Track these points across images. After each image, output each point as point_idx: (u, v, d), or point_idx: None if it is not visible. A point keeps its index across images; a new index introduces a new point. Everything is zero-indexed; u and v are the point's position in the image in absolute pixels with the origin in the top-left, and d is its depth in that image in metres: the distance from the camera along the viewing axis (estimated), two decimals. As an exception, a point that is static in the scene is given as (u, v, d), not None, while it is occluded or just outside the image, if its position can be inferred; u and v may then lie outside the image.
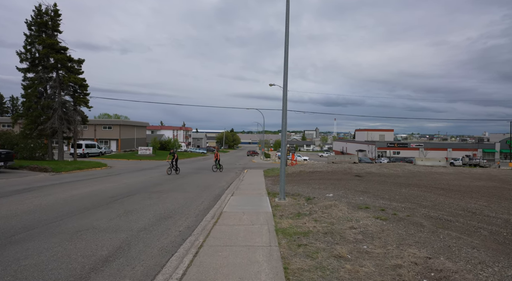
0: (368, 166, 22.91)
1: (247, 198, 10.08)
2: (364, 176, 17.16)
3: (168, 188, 12.89)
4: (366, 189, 12.06)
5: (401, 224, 6.29)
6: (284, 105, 9.68)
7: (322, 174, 18.44)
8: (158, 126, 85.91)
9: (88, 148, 40.68)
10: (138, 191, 11.64)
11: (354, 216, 7.06)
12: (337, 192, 11.30)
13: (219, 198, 10.74)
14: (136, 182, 14.88)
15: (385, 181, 14.60)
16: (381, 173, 18.67)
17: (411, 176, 17.29)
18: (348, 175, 17.77)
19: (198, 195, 11.18)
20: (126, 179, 16.00)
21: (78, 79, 25.61)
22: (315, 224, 6.35)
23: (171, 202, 9.58)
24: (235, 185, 14.11)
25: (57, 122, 24.72)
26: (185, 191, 12.06)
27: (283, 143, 9.79)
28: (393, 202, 9.20)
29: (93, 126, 50.66)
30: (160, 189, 12.34)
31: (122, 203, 9.11)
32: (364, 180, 15.29)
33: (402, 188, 12.23)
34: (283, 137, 9.70)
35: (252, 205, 8.87)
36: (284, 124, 9.68)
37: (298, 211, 7.95)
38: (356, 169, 20.37)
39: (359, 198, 9.92)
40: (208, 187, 13.55)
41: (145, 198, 10.11)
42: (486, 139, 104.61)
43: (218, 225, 6.47)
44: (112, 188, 12.43)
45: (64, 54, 25.18)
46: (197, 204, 9.53)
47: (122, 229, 6.31)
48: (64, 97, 26.53)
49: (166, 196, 10.77)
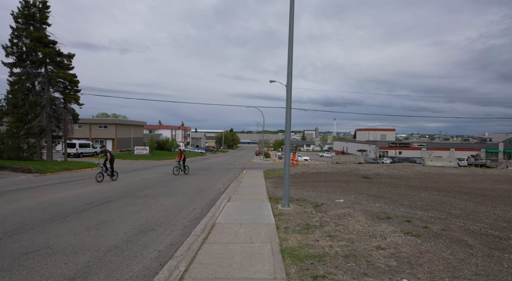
0: (375, 166, 21.61)
1: (245, 205, 8.74)
2: (373, 177, 15.83)
3: (158, 191, 11.54)
4: (379, 193, 10.72)
5: (441, 243, 4.95)
6: (289, 96, 8.35)
7: (327, 175, 17.11)
8: (156, 126, 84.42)
9: (82, 148, 39.32)
10: (122, 196, 10.29)
11: (377, 230, 5.72)
12: (347, 197, 9.96)
13: (213, 203, 9.41)
14: (124, 184, 13.53)
15: (397, 184, 13.27)
16: (391, 174, 17.35)
17: (423, 177, 15.97)
18: (355, 176, 16.43)
19: (190, 200, 9.84)
20: (115, 182, 14.65)
21: (68, 74, 24.23)
22: (331, 243, 5.00)
23: (158, 210, 8.24)
24: (233, 188, 12.77)
25: (45, 120, 23.34)
26: (176, 195, 10.72)
27: (287, 142, 8.45)
28: (417, 210, 7.86)
29: (88, 125, 49.31)
30: (148, 193, 11.00)
31: (98, 211, 7.76)
32: (374, 182, 13.96)
33: (420, 192, 10.90)
34: (287, 134, 8.36)
35: (251, 213, 7.53)
36: (289, 119, 8.34)
37: (307, 222, 6.61)
38: (363, 170, 19.05)
39: (375, 204, 8.59)
40: (203, 191, 12.21)
41: (127, 205, 8.76)
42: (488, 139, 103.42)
43: (208, 243, 5.13)
44: (95, 191, 11.08)
45: (52, 48, 23.80)
46: (188, 211, 8.18)
47: (86, 249, 4.97)
48: (54, 93, 25.16)
49: (153, 201, 9.42)
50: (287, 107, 8.34)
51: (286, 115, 8.35)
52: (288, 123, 8.35)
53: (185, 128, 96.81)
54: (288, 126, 8.35)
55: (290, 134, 8.40)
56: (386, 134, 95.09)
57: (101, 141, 50.17)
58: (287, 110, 8.32)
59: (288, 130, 8.36)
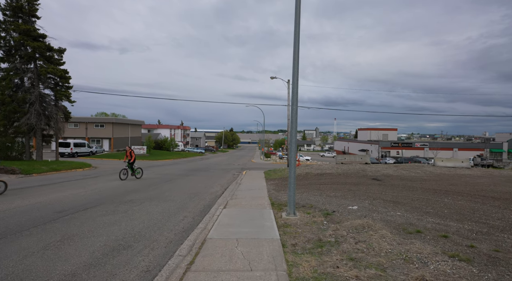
0: (382, 167, 20.38)
1: (244, 212, 7.51)
2: (383, 179, 14.59)
3: (147, 195, 10.32)
4: (396, 198, 9.48)
5: (507, 275, 3.71)
6: (295, 87, 7.11)
7: (333, 177, 15.87)
8: (155, 125, 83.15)
9: (77, 147, 38.08)
10: (104, 201, 9.06)
11: (410, 250, 4.49)
12: (360, 202, 8.73)
13: (208, 210, 8.18)
14: (111, 187, 12.31)
15: (412, 187, 12.03)
16: (401, 175, 16.11)
17: (438, 179, 14.73)
18: (363, 178, 15.20)
19: (181, 206, 8.61)
20: (102, 183, 13.43)
21: (58, 70, 22.99)
22: (357, 272, 3.76)
23: (141, 219, 7.01)
24: (231, 191, 11.55)
25: (34, 117, 22.11)
26: (166, 200, 9.49)
27: (293, 140, 7.21)
28: (448, 220, 6.63)
29: (84, 124, 48.10)
30: (135, 198, 9.77)
31: (68, 222, 6.52)
32: (386, 185, 12.72)
33: (442, 197, 9.65)
34: (293, 131, 7.12)
35: (250, 224, 6.30)
36: (295, 113, 7.10)
37: (319, 237, 5.38)
38: (371, 171, 17.81)
39: (395, 213, 7.36)
40: (197, 194, 10.98)
41: (107, 213, 7.53)
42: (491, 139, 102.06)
43: (194, 270, 3.90)
44: (74, 196, 9.85)
45: (42, 42, 22.56)
46: (176, 221, 6.96)
47: (31, 279, 3.74)
48: (44, 90, 23.94)
49: (139, 208, 8.19)
50: (293, 100, 7.11)
51: (292, 109, 7.12)
52: (294, 118, 7.12)
53: (185, 127, 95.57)
54: (294, 122, 7.12)
55: (296, 132, 7.17)
56: (388, 134, 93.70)
57: (98, 141, 48.97)
58: (293, 102, 7.09)
59: (294, 127, 7.12)
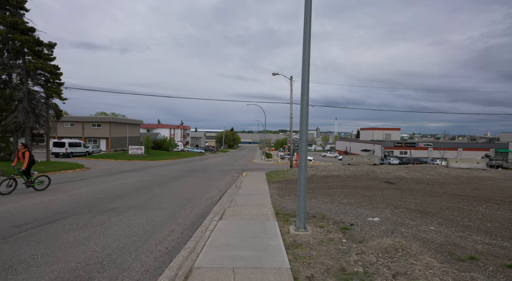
0: (392, 168, 19.04)
1: (243, 226, 6.21)
2: (397, 183, 13.27)
3: (133, 202, 9.02)
4: (421, 206, 8.16)
5: None
6: (306, 67, 5.80)
7: (341, 179, 14.55)
8: (155, 125, 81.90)
9: (72, 147, 36.83)
10: (81, 210, 7.77)
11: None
12: (381, 212, 7.42)
13: (200, 222, 6.88)
14: (96, 191, 11.02)
15: (434, 192, 10.70)
16: (416, 178, 14.77)
17: (457, 182, 13.39)
18: (375, 181, 13.87)
19: (170, 217, 7.32)
20: (86, 187, 12.13)
21: (48, 65, 21.72)
22: None
23: (117, 235, 5.72)
24: (229, 197, 10.25)
25: (22, 115, 20.87)
26: (154, 208, 8.20)
27: (303, 138, 5.89)
28: (499, 238, 5.30)
29: (81, 124, 46.90)
30: (118, 205, 8.47)
31: (22, 241, 5.23)
32: (403, 189, 11.40)
33: (475, 205, 8.32)
34: (303, 127, 5.80)
35: (251, 245, 4.99)
36: (306, 104, 5.79)
37: (341, 265, 4.08)
38: (381, 173, 16.48)
39: (427, 227, 6.04)
40: (191, 200, 9.69)
41: (78, 226, 6.23)
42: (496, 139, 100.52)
43: None
44: (46, 204, 8.55)
45: (31, 36, 21.31)
46: (160, 238, 5.66)
47: None
48: (33, 87, 22.69)
49: (119, 219, 6.90)
50: (303, 88, 5.79)
51: (302, 99, 5.80)
52: (305, 111, 5.80)
53: (185, 127, 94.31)
54: (305, 116, 5.80)
55: (307, 128, 5.86)
56: (391, 134, 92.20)
57: (95, 140, 47.75)
58: (303, 92, 5.78)
59: (304, 122, 5.80)
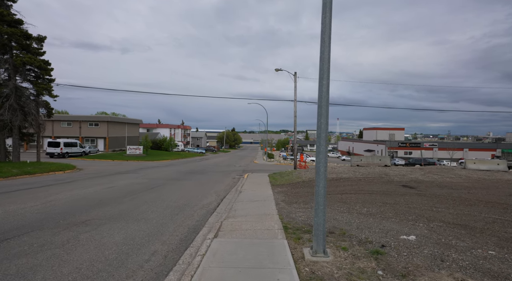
0: (406, 170, 17.62)
1: (244, 248, 4.84)
2: (416, 187, 11.86)
3: (114, 211, 7.66)
4: (459, 218, 6.76)
5: None
6: (327, 43, 4.42)
7: (353, 182, 13.15)
8: (154, 124, 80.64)
9: (67, 147, 35.60)
10: (46, 222, 6.42)
11: None
12: (413, 226, 6.03)
13: (190, 241, 5.52)
14: (75, 198, 9.67)
15: (464, 199, 9.30)
16: (436, 181, 13.34)
17: (484, 187, 11.97)
18: (390, 185, 12.47)
19: (155, 232, 5.96)
20: (68, 192, 10.80)
21: (36, 60, 20.42)
22: None
23: (78, 261, 4.36)
24: (228, 203, 8.89)
25: (9, 113, 19.58)
26: (137, 220, 6.85)
27: (322, 133, 4.51)
28: None
29: (78, 123, 45.69)
30: (94, 216, 7.12)
31: None
32: (427, 195, 9.99)
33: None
34: (323, 118, 4.42)
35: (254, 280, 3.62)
36: (326, 87, 4.41)
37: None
38: (395, 175, 15.07)
39: (485, 251, 4.65)
40: (184, 209, 8.33)
41: (31, 249, 4.87)
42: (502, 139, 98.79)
43: None
44: (9, 214, 7.20)
45: (18, 29, 20.02)
46: (133, 267, 4.29)
47: None
48: (22, 83, 21.42)
49: (89, 236, 5.54)
50: (322, 63, 4.41)
51: (321, 84, 4.43)
52: (325, 99, 4.42)
53: (185, 127, 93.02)
54: (325, 104, 4.42)
55: (327, 121, 4.48)
56: (395, 134, 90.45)
57: (92, 140, 46.50)
58: (323, 69, 4.40)
59: (324, 112, 4.43)
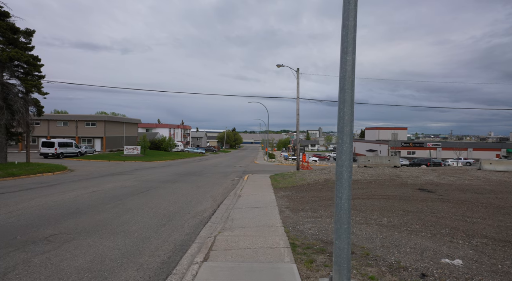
0: (417, 171, 16.43)
1: (240, 277, 3.66)
2: (435, 190, 10.67)
3: (88, 223, 6.50)
4: (503, 232, 5.57)
5: None
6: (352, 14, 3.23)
7: (363, 185, 11.97)
8: (154, 124, 79.52)
9: (62, 147, 34.47)
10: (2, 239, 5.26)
11: None
12: (449, 242, 4.85)
13: (174, 265, 4.36)
14: (49, 204, 8.51)
15: (496, 206, 8.11)
16: (454, 184, 12.14)
17: (510, 191, 10.77)
18: (405, 188, 11.28)
19: (131, 251, 4.79)
20: (44, 198, 9.63)
21: (24, 55, 19.30)
22: None
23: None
24: (225, 211, 7.71)
25: (-6, 111, 18.48)
26: (114, 233, 5.69)
27: (345, 127, 3.34)
28: None
29: (74, 123, 44.60)
30: (62, 229, 5.95)
31: None
32: (451, 201, 8.80)
33: None
34: (346, 106, 3.26)
35: None
36: (351, 68, 3.24)
37: None
38: (408, 178, 13.87)
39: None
40: (173, 218, 7.16)
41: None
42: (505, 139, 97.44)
43: None
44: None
45: (4, 22, 18.90)
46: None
47: None
48: (10, 80, 20.30)
49: (44, 259, 4.38)
50: (346, 38, 3.24)
51: (344, 60, 3.25)
52: (349, 81, 3.26)
53: (185, 126, 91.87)
54: (349, 86, 3.25)
55: (352, 109, 3.31)
56: (397, 133, 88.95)
57: (89, 140, 45.40)
58: (348, 44, 3.23)
59: (348, 98, 3.26)
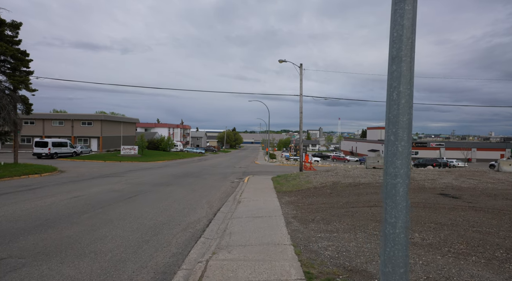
0: (432, 173, 15.23)
1: None
2: (459, 196, 9.47)
3: (52, 240, 5.32)
4: None
5: None
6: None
7: (377, 190, 10.77)
8: (153, 124, 78.36)
9: (56, 147, 33.28)
10: None
11: None
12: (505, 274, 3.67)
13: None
14: (16, 214, 7.33)
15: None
16: (477, 188, 10.94)
17: (543, 196, 9.57)
18: (425, 193, 10.09)
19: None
20: (17, 203, 8.45)
21: (10, 49, 18.14)
22: None
23: None
24: (222, 222, 6.52)
25: (-23, 109, 17.33)
26: (81, 255, 4.51)
27: (403, 117, 2.19)
28: None
29: (70, 122, 43.45)
30: (15, 250, 4.77)
31: None
32: (483, 209, 7.61)
33: None
34: (402, 85, 2.11)
35: None
36: (410, 24, 2.06)
37: None
38: (424, 181, 12.68)
39: None
40: (160, 231, 5.97)
41: None
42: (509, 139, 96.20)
43: None
44: None
45: (-11, 13, 17.77)
46: None
47: None
48: (-4, 76, 19.15)
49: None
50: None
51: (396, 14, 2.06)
52: (410, 37, 2.06)
53: (185, 126, 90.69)
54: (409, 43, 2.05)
55: (412, 92, 2.12)
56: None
57: (85, 140, 44.24)
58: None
59: (406, 61, 2.06)
